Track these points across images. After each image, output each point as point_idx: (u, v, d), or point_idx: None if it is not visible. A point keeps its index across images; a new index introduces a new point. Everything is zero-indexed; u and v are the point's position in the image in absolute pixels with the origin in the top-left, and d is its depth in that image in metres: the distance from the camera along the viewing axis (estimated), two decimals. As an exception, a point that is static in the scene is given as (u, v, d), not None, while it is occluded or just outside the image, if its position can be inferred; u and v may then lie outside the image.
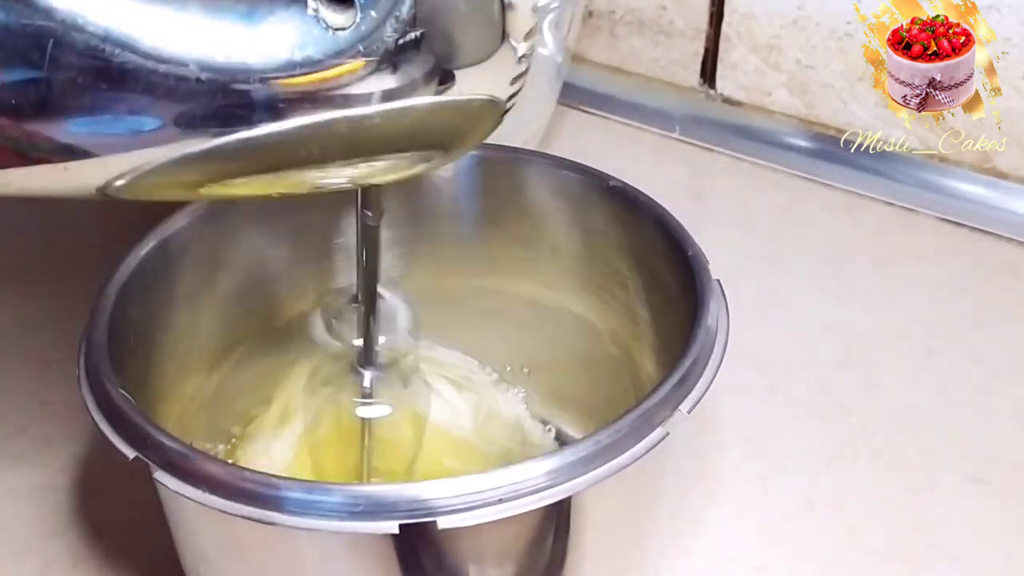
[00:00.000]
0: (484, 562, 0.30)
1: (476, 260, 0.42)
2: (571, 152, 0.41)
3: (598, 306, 0.40)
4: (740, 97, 0.60)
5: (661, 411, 0.29)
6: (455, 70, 0.28)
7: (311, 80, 0.26)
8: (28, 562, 0.39)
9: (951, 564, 0.38)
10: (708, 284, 0.33)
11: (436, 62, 0.27)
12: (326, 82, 0.26)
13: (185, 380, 0.37)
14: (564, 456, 0.28)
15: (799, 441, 0.43)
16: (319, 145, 0.27)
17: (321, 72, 0.26)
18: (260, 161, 0.27)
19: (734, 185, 0.58)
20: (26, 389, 0.46)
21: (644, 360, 0.39)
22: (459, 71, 0.28)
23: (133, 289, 0.34)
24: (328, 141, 0.27)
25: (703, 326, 0.32)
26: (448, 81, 0.28)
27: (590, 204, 0.39)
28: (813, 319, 0.49)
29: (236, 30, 0.25)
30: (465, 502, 0.27)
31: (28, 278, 0.52)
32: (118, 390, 0.30)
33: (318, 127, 0.26)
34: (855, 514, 0.40)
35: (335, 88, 0.26)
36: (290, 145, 0.27)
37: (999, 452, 0.42)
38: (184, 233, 0.37)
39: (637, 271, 0.38)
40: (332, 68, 0.26)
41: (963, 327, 0.48)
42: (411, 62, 0.27)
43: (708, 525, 0.40)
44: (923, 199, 0.55)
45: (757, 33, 0.57)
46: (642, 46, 0.62)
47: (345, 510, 0.26)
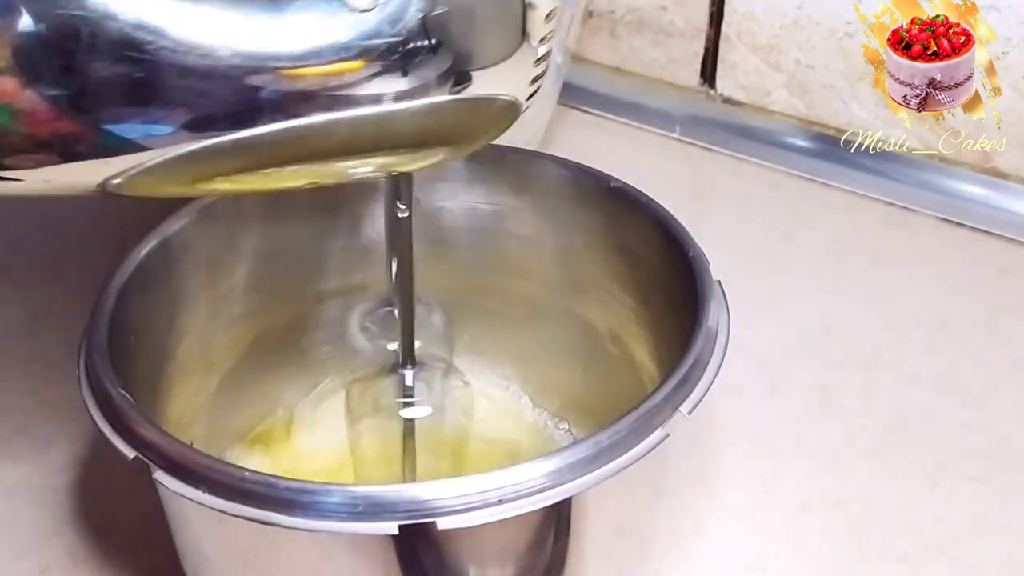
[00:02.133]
0: (484, 563, 0.30)
1: (476, 260, 0.42)
2: (571, 152, 0.41)
3: (598, 306, 0.40)
4: (740, 97, 0.60)
5: (661, 412, 0.29)
6: (474, 70, 0.28)
7: (337, 69, 0.26)
8: (28, 562, 0.39)
9: (951, 564, 0.38)
10: (709, 285, 0.33)
11: (455, 62, 0.27)
12: (351, 72, 0.26)
13: (185, 380, 0.37)
14: (564, 457, 0.28)
15: (799, 441, 0.43)
16: (338, 136, 0.27)
17: (347, 61, 0.26)
18: (283, 151, 0.27)
19: (734, 185, 0.58)
20: (26, 389, 0.46)
21: (645, 360, 0.39)
22: (477, 71, 0.28)
23: (133, 289, 0.34)
24: (345, 134, 0.27)
25: (703, 327, 0.32)
26: (465, 81, 0.28)
27: (591, 204, 0.39)
28: (813, 319, 0.49)
29: (263, 16, 0.25)
30: (465, 503, 0.27)
31: (28, 278, 0.52)
32: (118, 390, 0.30)
33: (337, 119, 0.27)
34: (855, 514, 0.40)
35: (358, 80, 0.26)
36: (312, 135, 0.27)
37: (999, 452, 0.42)
38: (184, 233, 0.37)
39: (637, 271, 0.38)
40: (358, 54, 0.26)
41: (963, 327, 0.48)
42: (432, 60, 0.27)
43: (708, 525, 0.40)
44: (923, 199, 0.55)
45: (757, 33, 0.57)
46: (642, 46, 0.62)
47: (345, 511, 0.26)
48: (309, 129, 0.27)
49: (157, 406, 0.35)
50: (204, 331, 0.38)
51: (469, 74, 0.28)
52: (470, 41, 0.28)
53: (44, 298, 0.50)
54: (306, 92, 0.26)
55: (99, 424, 0.30)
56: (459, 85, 0.28)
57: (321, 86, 0.26)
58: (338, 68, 0.26)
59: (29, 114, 0.25)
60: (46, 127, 0.25)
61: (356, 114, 0.27)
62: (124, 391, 0.30)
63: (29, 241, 0.55)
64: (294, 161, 0.28)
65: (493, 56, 0.29)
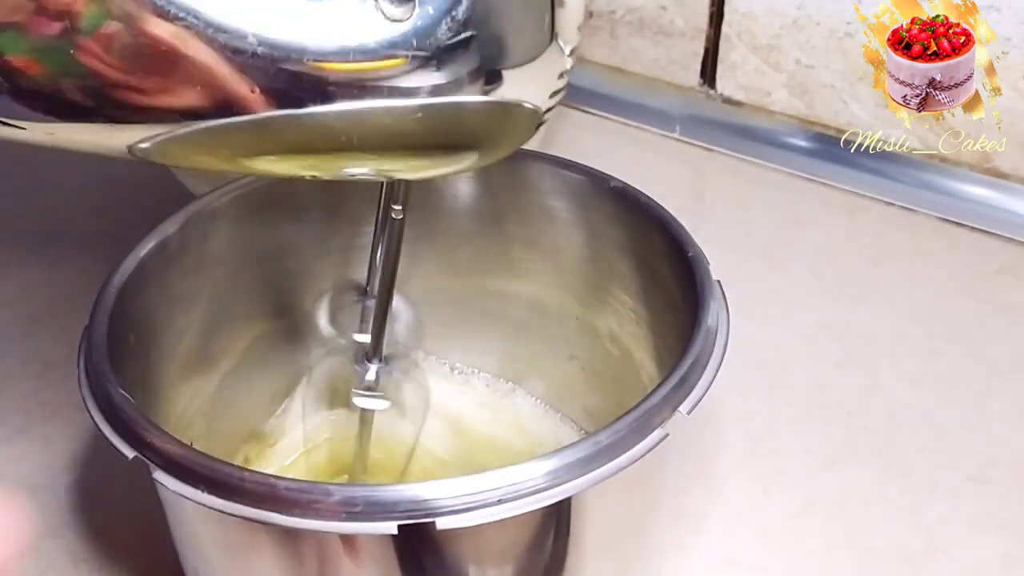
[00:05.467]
0: (483, 562, 0.30)
1: (476, 260, 0.42)
2: (571, 152, 0.41)
3: (598, 306, 0.40)
4: (740, 97, 0.60)
5: (661, 412, 0.29)
6: (504, 70, 0.28)
7: (362, 68, 0.26)
8: (28, 562, 0.39)
9: (951, 564, 0.38)
10: (708, 285, 0.33)
11: (484, 62, 0.27)
12: (376, 71, 0.26)
13: (185, 380, 0.37)
14: (563, 456, 0.28)
15: (799, 441, 0.43)
16: (359, 133, 0.27)
17: (372, 61, 0.26)
18: (298, 141, 0.27)
19: (734, 185, 0.58)
20: (26, 389, 0.46)
21: (644, 360, 0.39)
22: (507, 71, 0.28)
23: (133, 289, 0.34)
24: (368, 131, 0.27)
25: (703, 327, 0.32)
26: (496, 81, 0.28)
27: (591, 204, 0.39)
28: (813, 319, 0.49)
29: (297, 9, 0.26)
30: (464, 503, 0.26)
31: (28, 278, 0.52)
32: (118, 390, 0.30)
33: (361, 115, 0.27)
34: (855, 514, 0.40)
35: (383, 79, 0.26)
36: (330, 130, 0.27)
37: (999, 452, 0.42)
38: (184, 233, 0.37)
39: (637, 271, 0.38)
40: (384, 59, 0.26)
41: (963, 327, 0.48)
42: (460, 61, 0.27)
43: (708, 525, 0.40)
44: (923, 199, 0.55)
45: (757, 33, 0.57)
46: (642, 46, 0.62)
47: (344, 511, 0.26)
48: (323, 121, 0.27)
49: (157, 406, 0.35)
50: (204, 331, 0.38)
51: (500, 73, 0.28)
52: (501, 47, 0.28)
53: (44, 298, 0.50)
54: (333, 82, 0.26)
55: (99, 424, 0.30)
56: (490, 84, 0.28)
57: (347, 80, 0.26)
58: (358, 68, 0.26)
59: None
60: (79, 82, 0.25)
61: (373, 112, 0.27)
62: (124, 391, 0.30)
63: (29, 241, 0.55)
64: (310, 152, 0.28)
65: (521, 58, 0.28)
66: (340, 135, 0.27)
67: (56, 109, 0.26)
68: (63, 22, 0.25)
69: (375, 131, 0.27)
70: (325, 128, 0.27)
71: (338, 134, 0.27)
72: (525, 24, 0.29)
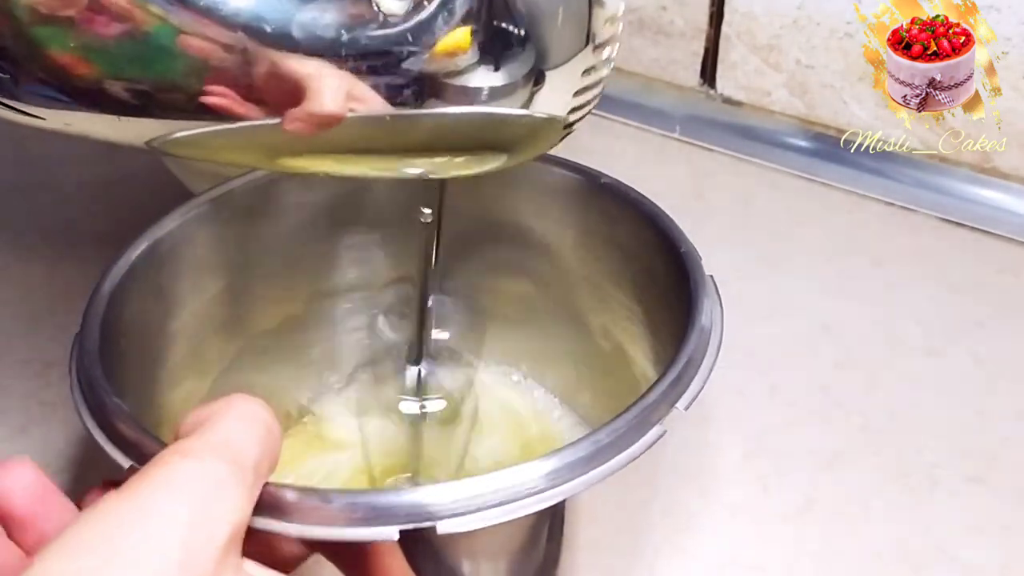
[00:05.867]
0: (480, 561, 0.30)
1: (470, 258, 0.42)
2: (571, 152, 0.41)
3: (591, 303, 0.40)
4: (740, 97, 0.60)
5: (658, 409, 0.29)
6: (547, 70, 0.28)
7: (436, 69, 0.26)
8: (28, 562, 0.39)
9: (951, 564, 0.38)
10: (701, 280, 0.33)
11: (533, 63, 0.27)
12: (447, 72, 0.26)
13: (178, 385, 0.37)
14: (563, 457, 0.27)
15: (799, 441, 0.43)
16: (363, 133, 0.27)
17: (368, 59, 0.26)
18: (354, 143, 0.27)
19: (734, 185, 0.58)
20: (26, 389, 0.46)
21: (638, 355, 0.39)
22: (549, 72, 0.28)
23: (125, 292, 0.34)
24: (374, 131, 0.27)
25: (697, 323, 0.32)
26: (541, 82, 0.28)
27: (583, 201, 0.39)
28: (813, 319, 0.49)
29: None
30: (465, 506, 0.26)
31: (28, 278, 0.52)
32: (111, 398, 0.30)
33: (437, 118, 0.27)
34: (855, 514, 0.40)
35: (451, 78, 0.26)
36: (337, 127, 0.27)
37: (999, 452, 0.42)
38: (174, 235, 0.37)
39: (630, 268, 0.38)
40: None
41: (963, 327, 0.48)
42: (519, 62, 0.27)
43: (708, 525, 0.40)
44: (923, 199, 0.55)
45: (757, 33, 0.57)
46: (642, 46, 0.62)
47: (345, 517, 0.26)
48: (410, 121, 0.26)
49: (150, 410, 0.34)
50: (196, 334, 0.38)
51: (544, 74, 0.28)
52: (539, 48, 0.28)
53: (44, 298, 0.50)
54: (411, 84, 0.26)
55: (94, 433, 0.29)
56: (537, 86, 0.28)
57: (432, 82, 0.26)
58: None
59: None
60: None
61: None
62: (117, 398, 0.30)
63: (29, 240, 0.55)
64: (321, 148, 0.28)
65: (557, 58, 0.28)
66: (402, 136, 0.27)
67: (97, 103, 0.26)
68: (123, 24, 0.24)
69: (440, 132, 0.27)
70: (386, 130, 0.26)
71: (396, 135, 0.27)
72: (566, 16, 0.28)
